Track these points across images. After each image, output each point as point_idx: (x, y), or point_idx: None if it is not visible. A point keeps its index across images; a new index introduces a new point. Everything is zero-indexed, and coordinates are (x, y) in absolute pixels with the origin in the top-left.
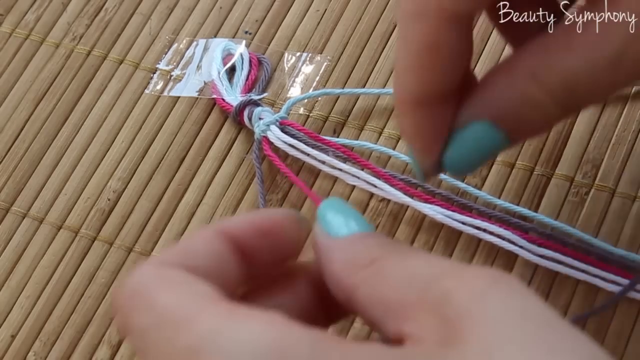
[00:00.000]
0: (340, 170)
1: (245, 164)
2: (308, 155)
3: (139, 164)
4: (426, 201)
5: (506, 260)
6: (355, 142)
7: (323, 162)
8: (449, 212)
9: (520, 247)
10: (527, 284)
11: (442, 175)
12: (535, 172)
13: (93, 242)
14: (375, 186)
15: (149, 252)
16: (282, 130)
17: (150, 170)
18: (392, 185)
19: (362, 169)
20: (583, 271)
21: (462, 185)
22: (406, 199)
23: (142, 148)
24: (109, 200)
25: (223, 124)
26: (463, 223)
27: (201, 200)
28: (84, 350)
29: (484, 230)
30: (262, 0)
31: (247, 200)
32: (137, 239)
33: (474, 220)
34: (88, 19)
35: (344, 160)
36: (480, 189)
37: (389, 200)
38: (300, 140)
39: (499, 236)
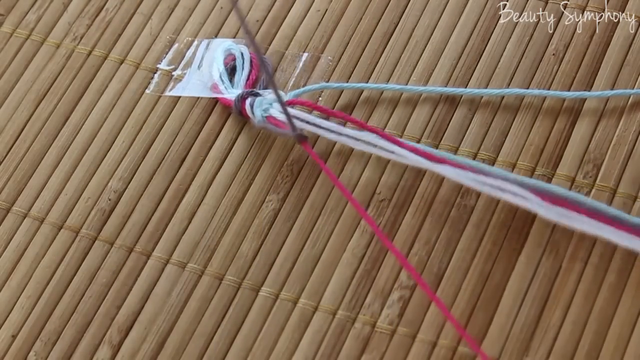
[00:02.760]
0: (357, 139)
1: (246, 163)
2: (318, 127)
3: (140, 164)
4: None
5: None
6: (362, 133)
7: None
8: (468, 174)
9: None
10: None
11: (455, 156)
12: (536, 172)
13: (94, 242)
14: (393, 152)
15: (149, 252)
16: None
17: (151, 170)
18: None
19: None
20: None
21: (474, 163)
22: (424, 162)
23: (143, 148)
24: (109, 200)
25: (224, 124)
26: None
27: (202, 201)
28: (84, 350)
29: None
30: (263, 0)
31: (248, 200)
32: (138, 239)
33: (493, 180)
34: (89, 19)
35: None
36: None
37: (390, 200)
38: (313, 124)
39: (517, 195)
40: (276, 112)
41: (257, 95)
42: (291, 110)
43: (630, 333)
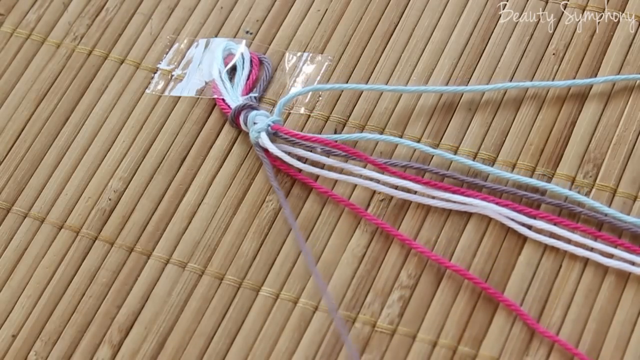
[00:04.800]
0: (341, 171)
1: (246, 163)
2: (306, 161)
3: (140, 164)
4: (434, 186)
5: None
6: (355, 135)
7: (322, 166)
8: (456, 196)
9: (529, 227)
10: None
11: (452, 156)
12: (536, 172)
13: (94, 241)
14: (379, 181)
15: (150, 251)
16: (275, 135)
17: (151, 170)
18: (399, 177)
19: (365, 166)
20: (592, 249)
21: (471, 162)
22: (408, 196)
23: (143, 148)
24: (109, 200)
25: (224, 124)
26: (471, 205)
27: (202, 200)
28: (85, 349)
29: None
30: (263, 0)
31: (248, 200)
32: (138, 239)
33: (482, 202)
34: (89, 19)
35: (345, 160)
36: (482, 187)
37: (390, 200)
38: (299, 145)
39: (507, 217)
40: (264, 142)
41: (251, 108)
42: (277, 151)
43: (630, 333)
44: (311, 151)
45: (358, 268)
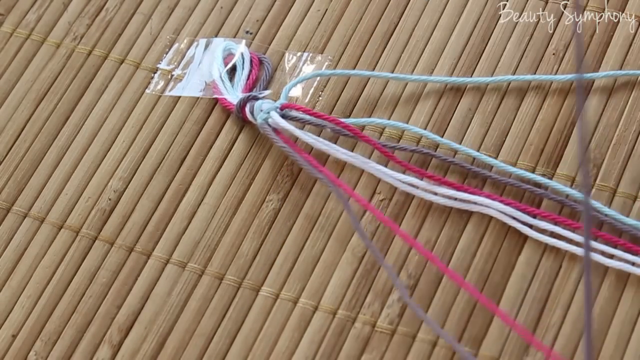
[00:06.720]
0: (344, 165)
1: (246, 163)
2: (312, 150)
3: (140, 164)
4: (437, 181)
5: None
6: (363, 119)
7: (327, 158)
8: (458, 193)
9: (530, 226)
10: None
11: (458, 146)
12: (536, 172)
13: (94, 241)
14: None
15: (150, 251)
16: (283, 116)
17: (151, 170)
18: (403, 168)
19: (370, 156)
20: (593, 249)
21: (476, 154)
22: (411, 189)
23: (143, 148)
24: (109, 200)
25: (224, 123)
26: (474, 203)
27: (202, 200)
28: (85, 349)
29: (494, 209)
30: (263, 0)
31: (248, 200)
32: (138, 239)
33: (484, 199)
34: (89, 19)
35: (351, 148)
36: (482, 187)
37: (390, 200)
38: (309, 123)
39: (509, 215)
40: (274, 122)
41: (255, 98)
42: (287, 125)
43: (630, 333)
44: (319, 135)
45: (358, 268)
